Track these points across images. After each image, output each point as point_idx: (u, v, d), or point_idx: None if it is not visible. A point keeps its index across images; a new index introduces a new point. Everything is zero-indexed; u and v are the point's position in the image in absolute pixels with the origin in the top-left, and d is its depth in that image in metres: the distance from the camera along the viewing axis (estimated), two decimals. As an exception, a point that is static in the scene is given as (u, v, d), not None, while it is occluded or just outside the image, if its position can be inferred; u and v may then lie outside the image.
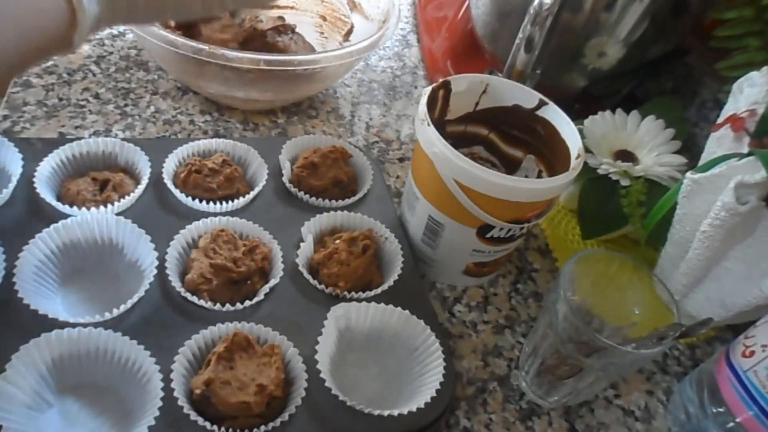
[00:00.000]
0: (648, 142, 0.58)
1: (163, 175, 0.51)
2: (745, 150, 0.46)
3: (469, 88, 0.51)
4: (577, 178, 0.45)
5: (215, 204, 0.50)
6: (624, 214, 0.53)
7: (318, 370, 0.41)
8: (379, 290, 0.47)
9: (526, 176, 0.53)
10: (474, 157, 0.52)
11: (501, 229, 0.46)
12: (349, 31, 0.71)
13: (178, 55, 0.54)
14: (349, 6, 0.72)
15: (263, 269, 0.47)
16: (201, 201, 0.50)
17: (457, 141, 0.51)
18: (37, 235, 0.43)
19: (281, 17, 0.65)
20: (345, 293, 0.47)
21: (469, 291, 0.53)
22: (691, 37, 0.64)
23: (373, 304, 0.45)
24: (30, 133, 0.55)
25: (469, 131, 0.55)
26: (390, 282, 0.48)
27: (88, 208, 0.46)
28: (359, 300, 0.46)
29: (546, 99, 0.50)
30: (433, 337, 0.44)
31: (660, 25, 0.58)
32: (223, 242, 0.46)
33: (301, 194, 0.53)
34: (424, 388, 0.42)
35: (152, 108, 0.61)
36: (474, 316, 0.51)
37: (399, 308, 0.45)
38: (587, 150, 0.54)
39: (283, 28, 0.64)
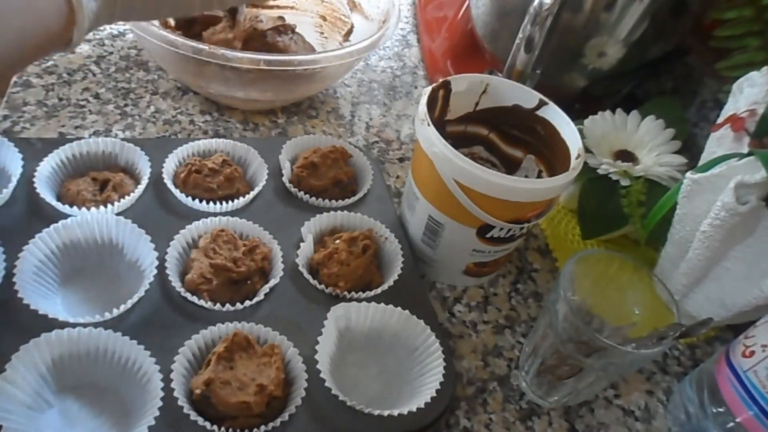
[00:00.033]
0: (648, 142, 0.58)
1: (163, 175, 0.51)
2: (745, 150, 0.46)
3: (469, 88, 0.51)
4: (577, 178, 0.45)
5: (215, 204, 0.50)
6: (624, 214, 0.53)
7: (318, 370, 0.41)
8: (379, 290, 0.47)
9: (526, 176, 0.53)
10: (474, 157, 0.52)
11: (501, 229, 0.46)
12: (349, 31, 0.71)
13: (178, 55, 0.54)
14: (349, 6, 0.72)
15: (263, 269, 0.47)
16: (201, 201, 0.50)
17: (457, 141, 0.51)
18: (37, 235, 0.43)
19: (281, 17, 0.65)
20: (345, 293, 0.47)
21: (469, 291, 0.53)
22: (691, 37, 0.64)
23: (373, 304, 0.45)
24: (30, 133, 0.55)
25: (469, 131, 0.55)
26: (390, 282, 0.48)
27: (88, 208, 0.46)
28: (359, 300, 0.46)
29: (546, 99, 0.50)
30: (433, 337, 0.44)
31: (660, 25, 0.58)
32: (223, 242, 0.46)
33: (301, 194, 0.53)
34: (424, 388, 0.42)
35: (152, 108, 0.61)
36: (474, 316, 0.51)
37: (399, 308, 0.45)
38: (587, 150, 0.54)
39: (283, 28, 0.64)
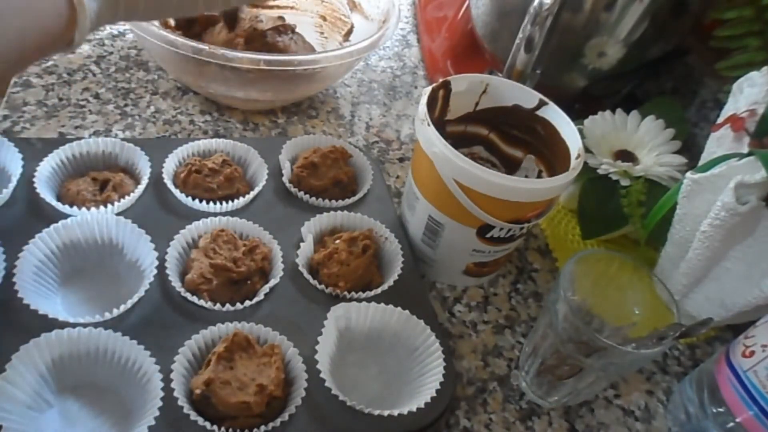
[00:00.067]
0: (648, 142, 0.58)
1: (163, 175, 0.51)
2: (745, 150, 0.46)
3: (469, 88, 0.51)
4: (577, 178, 0.45)
5: (215, 204, 0.50)
6: (624, 214, 0.53)
7: (318, 370, 0.41)
8: (379, 290, 0.47)
9: (526, 176, 0.53)
10: (474, 157, 0.52)
11: (501, 229, 0.46)
12: (349, 31, 0.71)
13: (178, 55, 0.54)
14: (349, 6, 0.72)
15: (263, 269, 0.47)
16: (201, 201, 0.50)
17: (457, 141, 0.51)
18: (37, 235, 0.43)
19: (281, 17, 0.65)
20: (345, 293, 0.47)
21: (469, 291, 0.53)
22: (691, 37, 0.64)
23: (373, 304, 0.45)
24: (30, 133, 0.55)
25: (469, 131, 0.55)
26: (390, 282, 0.48)
27: (88, 208, 0.46)
28: (359, 300, 0.46)
29: (546, 99, 0.50)
30: (433, 337, 0.44)
31: (660, 25, 0.58)
32: (223, 242, 0.46)
33: (301, 194, 0.53)
34: (424, 388, 0.42)
35: (152, 108, 0.61)
36: (474, 316, 0.51)
37: (399, 308, 0.45)
38: (587, 150, 0.54)
39: (283, 28, 0.64)
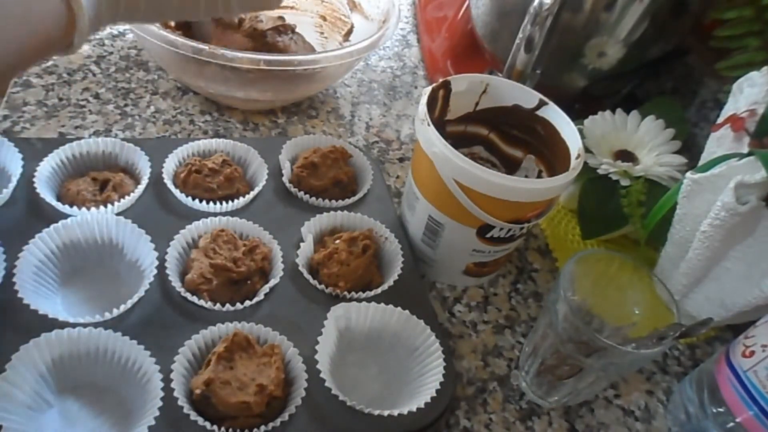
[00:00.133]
0: (648, 142, 0.58)
1: (163, 175, 0.51)
2: (745, 150, 0.46)
3: (469, 88, 0.51)
4: (577, 178, 0.45)
5: (215, 204, 0.50)
6: (624, 214, 0.53)
7: (318, 370, 0.41)
8: (379, 290, 0.47)
9: (526, 176, 0.53)
10: (474, 157, 0.52)
11: (501, 229, 0.46)
12: (349, 31, 0.71)
13: (178, 55, 0.54)
14: (349, 6, 0.72)
15: (263, 269, 0.47)
16: (201, 201, 0.50)
17: (457, 141, 0.51)
18: (37, 235, 0.43)
19: (281, 17, 0.65)
20: (345, 293, 0.47)
21: (469, 291, 0.53)
22: (691, 37, 0.64)
23: (373, 304, 0.45)
24: (30, 133, 0.55)
25: (469, 131, 0.55)
26: (390, 282, 0.48)
27: (88, 208, 0.46)
28: (359, 300, 0.46)
29: (546, 99, 0.50)
30: (433, 337, 0.44)
31: (660, 25, 0.58)
32: (223, 242, 0.46)
33: (301, 194, 0.53)
34: (424, 388, 0.42)
35: (152, 108, 0.61)
36: (474, 316, 0.51)
37: (399, 308, 0.45)
38: (587, 150, 0.54)
39: (283, 28, 0.64)
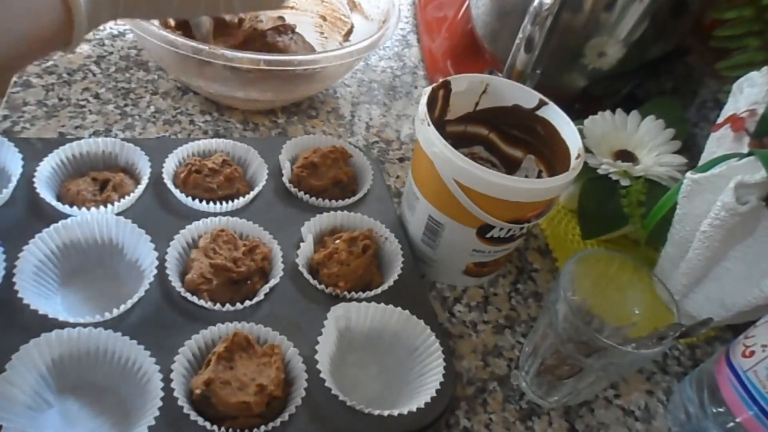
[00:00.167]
0: (648, 142, 0.58)
1: (163, 175, 0.51)
2: (745, 150, 0.46)
3: (469, 88, 0.51)
4: (577, 178, 0.45)
5: (215, 204, 0.50)
6: (624, 214, 0.53)
7: (318, 370, 0.41)
8: (379, 290, 0.47)
9: (526, 176, 0.53)
10: (474, 157, 0.52)
11: (501, 229, 0.46)
12: (349, 31, 0.71)
13: (178, 55, 0.54)
14: (349, 6, 0.72)
15: (263, 269, 0.47)
16: (201, 201, 0.50)
17: (457, 141, 0.51)
18: (37, 235, 0.43)
19: (281, 17, 0.65)
20: (345, 293, 0.47)
21: (469, 291, 0.53)
22: (691, 37, 0.64)
23: (373, 304, 0.45)
24: (30, 133, 0.55)
25: (469, 131, 0.55)
26: (390, 282, 0.48)
27: (88, 208, 0.46)
28: (359, 300, 0.46)
29: (546, 99, 0.50)
30: (433, 337, 0.44)
31: (660, 25, 0.58)
32: (223, 242, 0.46)
33: (301, 194, 0.53)
34: (424, 388, 0.42)
35: (152, 108, 0.61)
36: (474, 316, 0.51)
37: (399, 308, 0.45)
38: (587, 150, 0.54)
39: (283, 28, 0.64)
